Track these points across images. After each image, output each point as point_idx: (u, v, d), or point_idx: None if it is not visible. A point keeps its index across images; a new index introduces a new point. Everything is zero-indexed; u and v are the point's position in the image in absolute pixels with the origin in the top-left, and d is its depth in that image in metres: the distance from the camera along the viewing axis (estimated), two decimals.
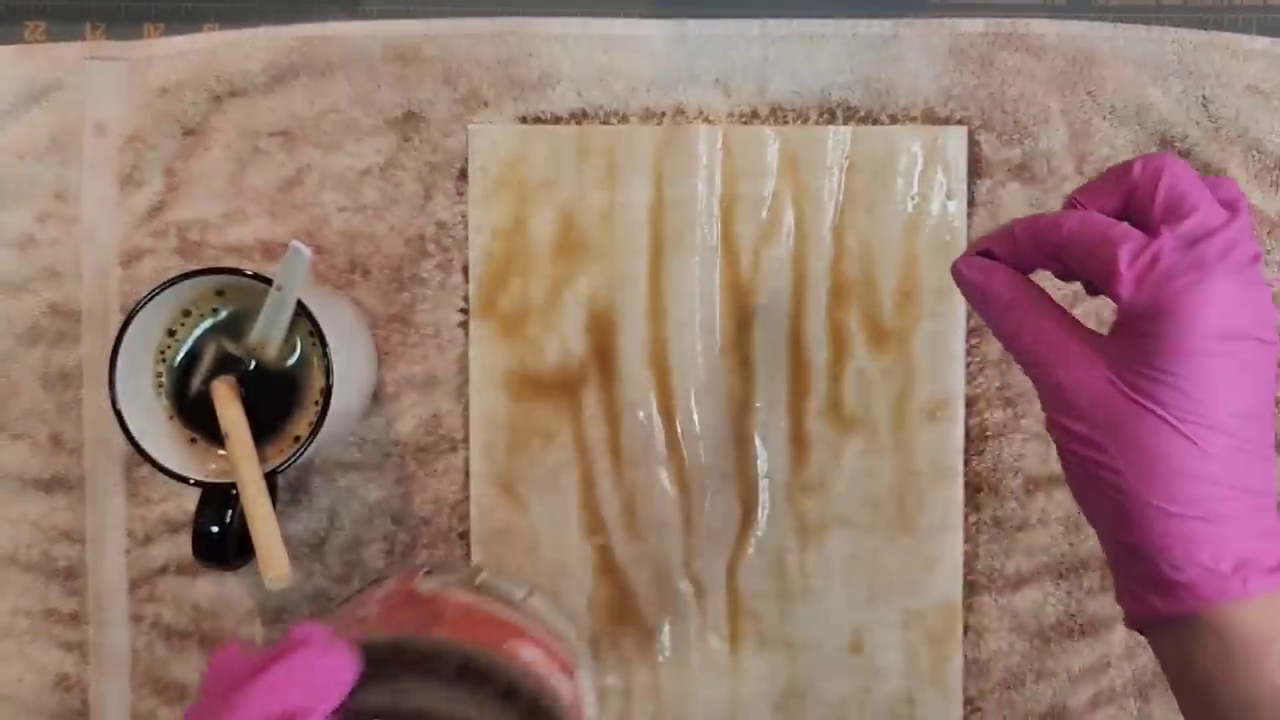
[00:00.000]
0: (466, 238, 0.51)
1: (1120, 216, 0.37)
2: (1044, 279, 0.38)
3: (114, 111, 0.51)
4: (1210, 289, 0.34)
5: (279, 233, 0.51)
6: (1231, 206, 0.36)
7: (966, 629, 0.51)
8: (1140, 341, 0.35)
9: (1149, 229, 0.36)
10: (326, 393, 0.44)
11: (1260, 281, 0.35)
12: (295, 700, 0.34)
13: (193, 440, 0.46)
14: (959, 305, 0.51)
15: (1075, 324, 0.37)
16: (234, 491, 0.43)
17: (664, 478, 0.51)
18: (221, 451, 0.45)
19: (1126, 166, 0.37)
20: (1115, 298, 0.35)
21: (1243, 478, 0.34)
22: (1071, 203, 0.38)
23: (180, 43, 0.51)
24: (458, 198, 0.51)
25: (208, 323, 0.46)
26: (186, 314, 0.46)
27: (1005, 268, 0.38)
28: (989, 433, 0.51)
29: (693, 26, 0.51)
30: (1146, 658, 0.51)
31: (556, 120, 0.51)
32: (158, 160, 0.51)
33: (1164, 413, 0.34)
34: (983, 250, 0.39)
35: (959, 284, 0.39)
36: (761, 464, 0.51)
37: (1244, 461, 0.34)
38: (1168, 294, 0.34)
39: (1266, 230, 0.51)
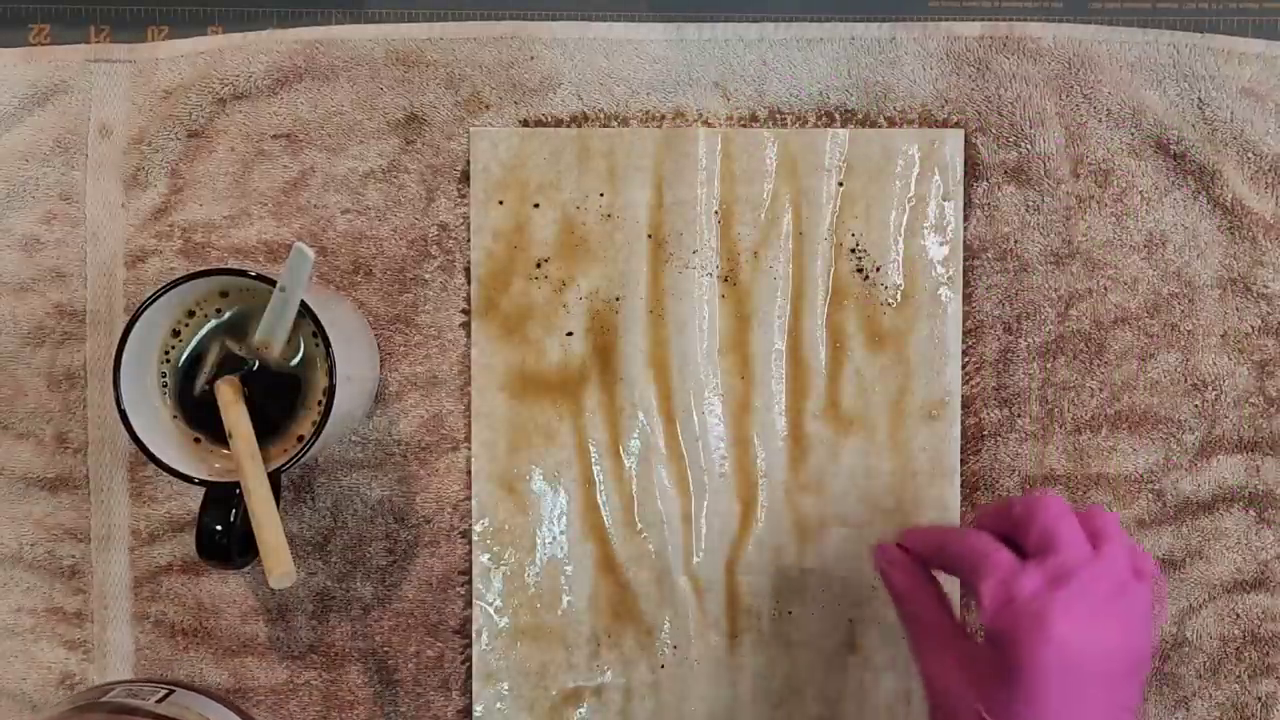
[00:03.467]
0: (468, 239, 0.51)
1: (1010, 540, 0.42)
2: None
3: (118, 114, 0.51)
4: (1052, 633, 0.38)
5: (283, 234, 0.51)
6: (1099, 540, 0.41)
7: (964, 627, 0.51)
8: (995, 661, 0.40)
9: (1026, 557, 0.41)
10: (329, 393, 0.44)
11: (1125, 612, 0.40)
12: None
13: (197, 440, 0.46)
14: (956, 306, 0.51)
15: (955, 629, 0.43)
16: (238, 491, 0.44)
17: (664, 477, 0.51)
18: (225, 451, 0.46)
19: (1011, 502, 0.43)
20: (980, 609, 0.40)
21: None
22: (975, 519, 0.45)
23: (184, 45, 0.51)
24: (460, 200, 0.51)
25: (212, 323, 0.46)
26: (191, 314, 0.46)
27: (909, 563, 0.45)
28: (986, 432, 0.51)
29: (692, 30, 0.51)
30: None
31: (557, 123, 0.51)
32: (162, 162, 0.51)
33: (999, 711, 0.39)
34: (901, 543, 0.46)
35: (875, 565, 0.46)
36: (760, 463, 0.51)
37: None
38: (1014, 628, 0.39)
39: (1262, 232, 0.51)
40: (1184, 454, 0.51)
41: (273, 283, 0.43)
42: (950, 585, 0.45)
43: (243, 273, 0.44)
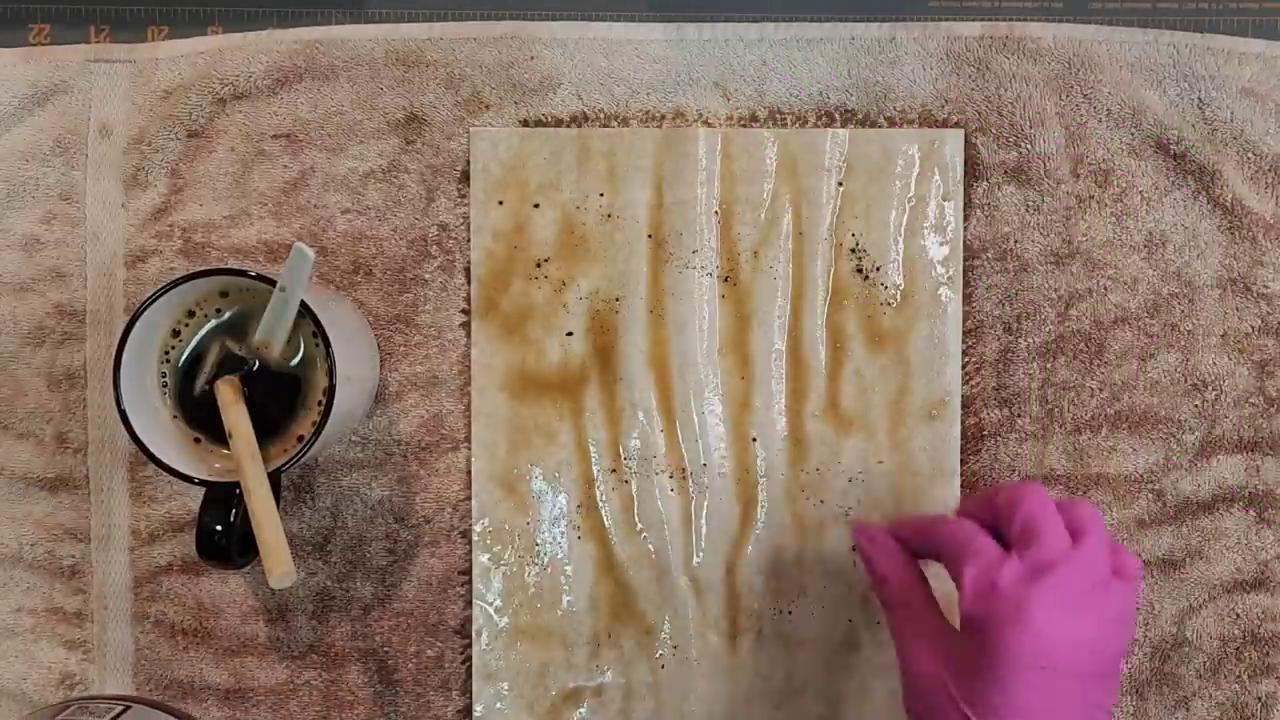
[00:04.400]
0: (468, 239, 0.51)
1: (993, 529, 0.43)
2: None
3: (118, 114, 0.51)
4: (1029, 627, 0.39)
5: (283, 234, 0.51)
6: (1080, 534, 0.41)
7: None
8: (972, 648, 0.40)
9: (1008, 546, 0.41)
10: (329, 393, 0.44)
11: (1103, 609, 0.40)
12: None
13: (197, 440, 0.46)
14: (956, 306, 0.51)
15: (935, 614, 0.43)
16: (238, 491, 0.44)
17: (664, 477, 0.51)
18: (225, 451, 0.46)
19: (995, 491, 0.43)
20: (960, 592, 0.41)
21: None
22: (960, 507, 0.45)
23: (184, 45, 0.51)
24: (460, 200, 0.51)
25: (212, 323, 0.46)
26: (191, 314, 0.46)
27: (896, 547, 0.45)
28: (985, 432, 0.51)
29: (692, 30, 0.51)
30: (1143, 655, 0.51)
31: (557, 123, 0.51)
32: (162, 162, 0.51)
33: (976, 697, 0.40)
34: (890, 530, 0.46)
35: (855, 544, 0.46)
36: (760, 463, 0.51)
37: None
38: (993, 618, 0.40)
39: (1262, 232, 0.51)
40: (1184, 454, 0.51)
41: (273, 283, 0.43)
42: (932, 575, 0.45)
43: (243, 273, 0.44)
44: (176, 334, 0.46)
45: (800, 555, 0.51)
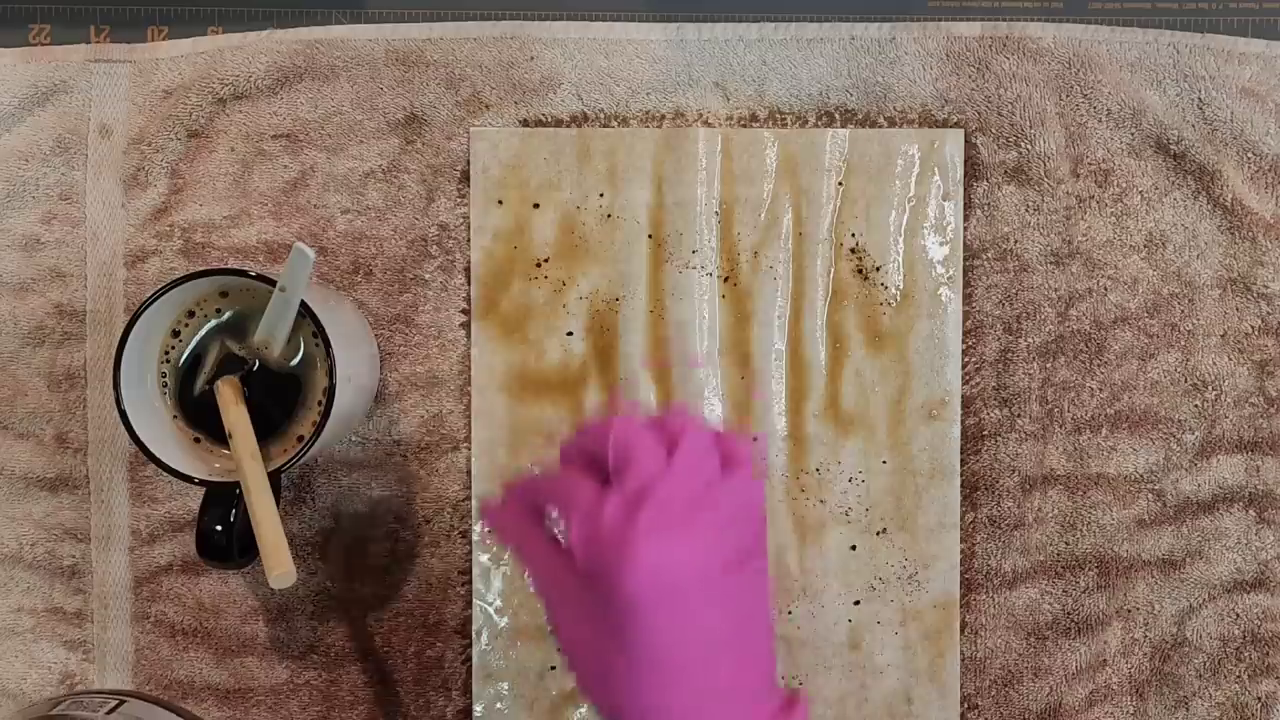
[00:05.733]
0: (468, 239, 0.51)
1: (592, 470, 0.40)
2: None
3: (118, 114, 0.51)
4: (638, 562, 0.37)
5: (283, 234, 0.51)
6: (674, 442, 0.39)
7: (964, 627, 0.51)
8: (595, 592, 0.38)
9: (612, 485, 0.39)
10: (329, 393, 0.44)
11: (711, 514, 0.39)
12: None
13: (197, 440, 0.46)
14: (956, 306, 0.51)
15: (566, 565, 0.40)
16: (238, 491, 0.44)
17: None
18: (225, 451, 0.46)
19: (585, 428, 0.41)
20: (570, 545, 0.39)
21: (710, 699, 0.38)
22: (561, 453, 0.42)
23: (184, 45, 0.51)
24: (459, 200, 0.51)
25: (212, 323, 0.46)
26: (191, 315, 0.46)
27: (514, 513, 0.42)
28: (985, 432, 0.51)
29: (692, 30, 0.51)
30: (1143, 656, 0.51)
31: (557, 123, 0.51)
32: (162, 162, 0.51)
33: (618, 652, 0.38)
34: (507, 494, 0.43)
35: (483, 519, 0.45)
36: (760, 463, 0.51)
37: (713, 685, 0.38)
38: (603, 563, 0.37)
39: (1262, 232, 0.51)
40: (1184, 454, 0.51)
41: (273, 283, 0.43)
42: None
43: (243, 273, 0.44)
44: (176, 334, 0.46)
45: (800, 555, 0.51)
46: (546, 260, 0.51)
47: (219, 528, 0.44)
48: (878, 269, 0.51)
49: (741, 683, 0.38)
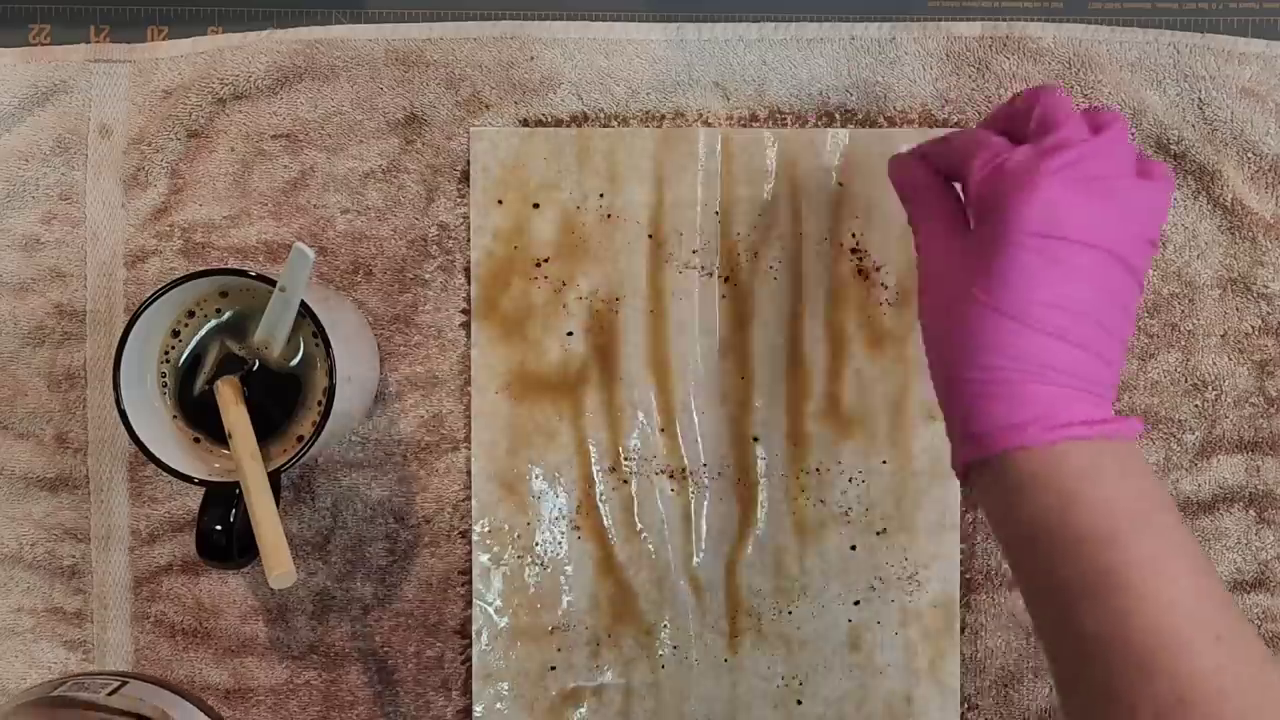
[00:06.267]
0: (468, 239, 0.51)
1: (1010, 137, 0.41)
2: None
3: (118, 114, 0.51)
4: (1036, 193, 0.37)
5: (283, 234, 0.51)
6: (1101, 128, 0.39)
7: (964, 627, 0.51)
8: (979, 233, 0.39)
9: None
10: (329, 393, 0.44)
11: (1123, 198, 0.38)
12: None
13: (197, 440, 0.46)
14: None
15: (956, 213, 0.42)
16: (238, 491, 0.44)
17: (664, 477, 0.51)
18: (225, 451, 0.46)
19: (1014, 97, 0.42)
20: (967, 195, 0.40)
21: (1051, 357, 0.38)
22: (980, 122, 0.44)
23: (184, 45, 0.51)
24: (459, 200, 0.51)
25: (212, 323, 0.46)
26: (190, 315, 0.46)
27: (921, 164, 0.44)
28: None
29: (692, 30, 0.51)
30: None
31: (557, 123, 0.51)
32: (162, 162, 0.51)
33: (984, 298, 0.38)
34: (916, 153, 0.45)
35: (890, 174, 0.45)
36: (760, 464, 0.51)
37: (1055, 347, 0.38)
38: (999, 193, 0.38)
39: (1262, 232, 0.51)
40: (1184, 454, 0.51)
41: (273, 283, 0.43)
42: None
43: (243, 273, 0.44)
44: (176, 334, 0.46)
45: (800, 555, 0.51)
46: (546, 260, 0.51)
47: (219, 528, 0.44)
48: (878, 269, 0.51)
49: (1082, 368, 0.38)
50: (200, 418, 0.46)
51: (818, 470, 0.51)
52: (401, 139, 0.51)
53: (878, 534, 0.51)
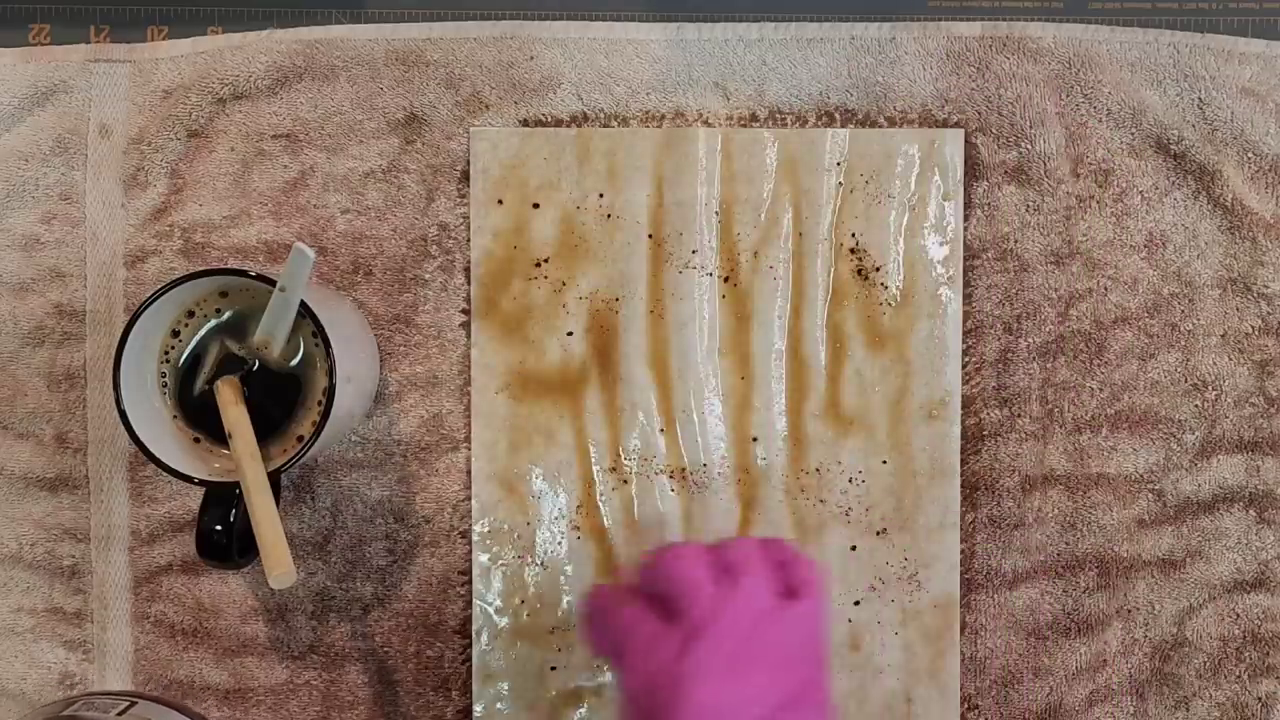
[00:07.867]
0: (468, 239, 0.51)
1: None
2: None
3: (118, 114, 0.51)
4: (691, 700, 0.38)
5: (282, 234, 0.51)
6: (733, 573, 0.41)
7: (964, 627, 0.51)
8: None
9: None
10: (329, 393, 0.44)
11: (772, 642, 0.40)
12: None
13: (196, 440, 0.46)
14: (956, 306, 0.51)
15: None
16: (238, 491, 0.44)
17: (664, 477, 0.51)
18: (225, 451, 0.46)
19: (650, 559, 0.43)
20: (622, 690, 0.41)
21: None
22: (639, 581, 0.44)
23: (184, 45, 0.51)
24: (459, 200, 0.51)
25: (211, 323, 0.46)
26: (190, 315, 0.46)
27: (597, 630, 0.44)
28: (986, 432, 0.51)
29: (692, 30, 0.51)
30: (1143, 655, 0.51)
31: (557, 123, 0.51)
32: (162, 162, 0.51)
33: None
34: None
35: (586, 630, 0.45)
36: (760, 463, 0.51)
37: None
38: (659, 703, 0.39)
39: (1262, 232, 0.51)
40: (1184, 454, 0.51)
41: (273, 283, 0.43)
42: None
43: (243, 273, 0.44)
44: (176, 334, 0.46)
45: None
46: (546, 260, 0.51)
47: (219, 528, 0.44)
48: (878, 269, 0.51)
49: None
50: (200, 418, 0.46)
51: (818, 470, 0.51)
52: (401, 139, 0.51)
53: (878, 534, 0.51)
